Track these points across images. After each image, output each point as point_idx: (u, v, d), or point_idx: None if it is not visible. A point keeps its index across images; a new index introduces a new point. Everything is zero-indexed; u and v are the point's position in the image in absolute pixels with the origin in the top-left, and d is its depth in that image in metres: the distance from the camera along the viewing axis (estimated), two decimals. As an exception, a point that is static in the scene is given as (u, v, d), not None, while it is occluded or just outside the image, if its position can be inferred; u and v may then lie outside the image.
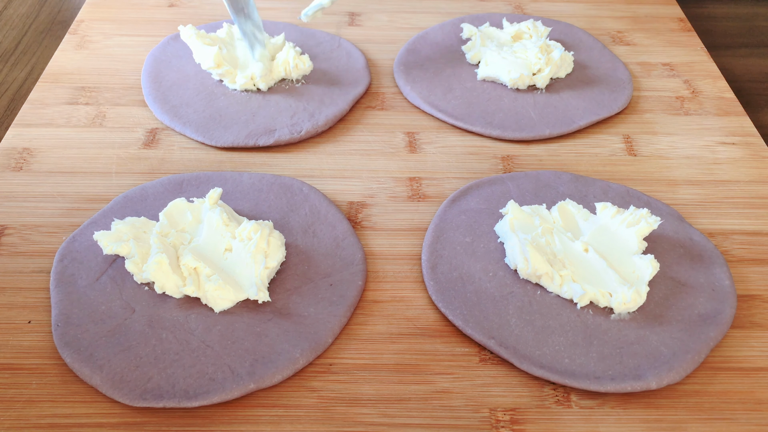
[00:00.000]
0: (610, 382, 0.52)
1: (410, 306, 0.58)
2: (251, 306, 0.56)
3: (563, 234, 0.60)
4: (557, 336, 0.55)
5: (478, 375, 0.54)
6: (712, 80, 0.84)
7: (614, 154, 0.74)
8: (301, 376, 0.53)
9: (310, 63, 0.79)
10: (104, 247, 0.57)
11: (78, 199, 0.66)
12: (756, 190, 0.70)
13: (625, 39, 0.91)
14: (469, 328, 0.55)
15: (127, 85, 0.80)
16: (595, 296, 0.56)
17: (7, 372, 0.53)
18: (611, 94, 0.79)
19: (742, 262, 0.63)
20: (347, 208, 0.67)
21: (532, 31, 0.83)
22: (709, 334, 0.55)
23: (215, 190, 0.61)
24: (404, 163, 0.72)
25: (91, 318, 0.55)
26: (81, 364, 0.52)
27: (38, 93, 0.78)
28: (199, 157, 0.71)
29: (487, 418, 0.51)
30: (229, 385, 0.51)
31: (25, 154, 0.71)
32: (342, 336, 0.56)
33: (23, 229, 0.63)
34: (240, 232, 0.58)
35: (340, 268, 0.60)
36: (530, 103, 0.78)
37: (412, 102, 0.79)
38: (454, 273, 0.59)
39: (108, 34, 0.87)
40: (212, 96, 0.77)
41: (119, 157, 0.71)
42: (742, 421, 0.52)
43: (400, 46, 0.87)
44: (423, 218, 0.66)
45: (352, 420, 0.51)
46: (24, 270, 0.60)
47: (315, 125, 0.74)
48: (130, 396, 0.50)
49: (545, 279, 0.58)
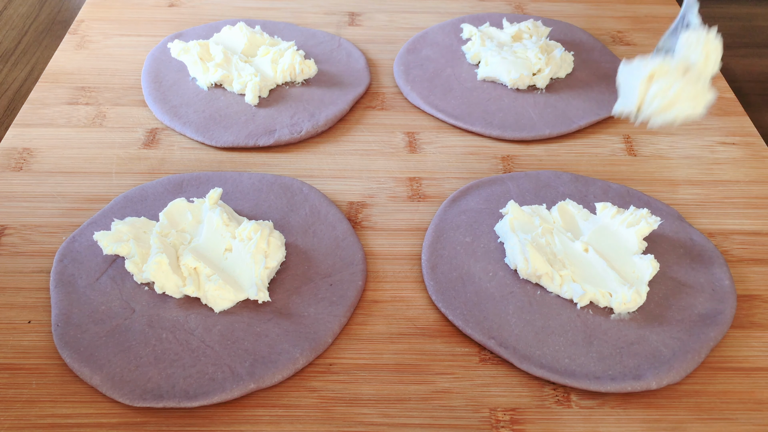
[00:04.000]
0: (610, 382, 0.52)
1: (410, 306, 0.58)
2: (251, 306, 0.56)
3: (563, 234, 0.60)
4: (557, 336, 0.55)
5: (478, 375, 0.54)
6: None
7: (614, 154, 0.74)
8: (301, 376, 0.53)
9: (315, 68, 0.79)
10: (104, 247, 0.57)
11: (78, 199, 0.66)
12: (756, 190, 0.70)
13: (625, 39, 0.91)
14: (469, 328, 0.55)
15: (127, 85, 0.80)
16: (595, 296, 0.56)
17: (7, 372, 0.53)
18: (611, 94, 0.79)
19: (742, 262, 0.63)
20: (347, 208, 0.67)
21: (532, 31, 0.83)
22: (709, 334, 0.55)
23: (215, 190, 0.61)
24: (404, 163, 0.72)
25: (91, 318, 0.55)
26: (81, 364, 0.52)
27: (38, 93, 0.78)
28: (199, 157, 0.71)
29: (487, 418, 0.51)
30: (229, 385, 0.51)
31: (25, 154, 0.71)
32: (342, 336, 0.56)
33: (23, 229, 0.63)
34: (240, 232, 0.58)
35: (340, 268, 0.60)
36: (530, 103, 0.78)
37: (412, 102, 0.79)
38: (454, 273, 0.59)
39: (108, 34, 0.87)
40: (212, 96, 0.77)
41: (119, 157, 0.71)
42: (742, 421, 0.52)
43: (400, 46, 0.87)
44: (423, 218, 0.66)
45: (352, 420, 0.51)
46: (24, 270, 0.60)
47: (315, 125, 0.74)
48: (130, 396, 0.50)
49: (545, 279, 0.58)
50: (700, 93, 0.53)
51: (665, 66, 0.54)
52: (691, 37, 0.55)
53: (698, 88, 0.54)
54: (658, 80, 0.55)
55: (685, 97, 0.54)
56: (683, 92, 0.54)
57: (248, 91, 0.75)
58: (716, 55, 0.54)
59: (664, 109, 0.55)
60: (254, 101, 0.75)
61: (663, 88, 0.55)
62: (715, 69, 0.54)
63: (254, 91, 0.75)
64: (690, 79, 0.54)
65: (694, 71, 0.54)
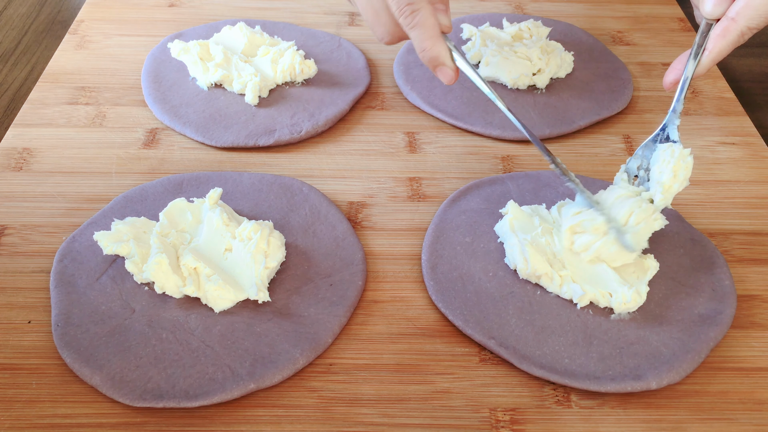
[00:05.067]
0: (610, 382, 0.52)
1: (410, 306, 0.58)
2: (251, 306, 0.56)
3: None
4: (557, 336, 0.55)
5: (478, 375, 0.54)
6: (712, 80, 0.84)
7: (614, 154, 0.74)
8: (301, 376, 0.53)
9: (315, 68, 0.79)
10: (104, 247, 0.57)
11: (78, 199, 0.66)
12: (756, 190, 0.70)
13: (625, 39, 0.91)
14: (469, 328, 0.55)
15: (127, 85, 0.80)
16: (595, 296, 0.56)
17: (7, 372, 0.53)
18: (611, 94, 0.79)
19: (742, 262, 0.63)
20: (347, 208, 0.67)
21: (532, 31, 0.83)
22: (709, 334, 0.55)
23: (215, 190, 0.61)
24: (404, 163, 0.72)
25: (91, 318, 0.55)
26: (81, 364, 0.52)
27: (38, 93, 0.78)
28: (199, 157, 0.71)
29: (487, 418, 0.51)
30: (229, 385, 0.51)
31: (25, 154, 0.71)
32: (342, 336, 0.56)
33: (23, 229, 0.63)
34: (240, 232, 0.58)
35: (340, 268, 0.60)
36: (530, 103, 0.78)
37: (412, 102, 0.79)
38: (454, 273, 0.59)
39: (108, 34, 0.87)
40: (212, 96, 0.77)
41: (119, 157, 0.71)
42: (742, 421, 0.52)
43: (400, 46, 0.87)
44: (423, 218, 0.66)
45: (352, 420, 0.51)
46: (24, 270, 0.60)
47: (315, 125, 0.74)
48: (130, 396, 0.50)
49: (545, 279, 0.58)
50: (651, 217, 0.56)
51: (589, 220, 0.57)
52: (666, 152, 0.57)
53: (651, 213, 0.56)
54: (582, 235, 0.57)
55: (608, 253, 0.56)
56: (604, 249, 0.56)
57: (248, 91, 0.75)
58: (685, 174, 0.56)
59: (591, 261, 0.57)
60: (254, 101, 0.75)
61: (586, 243, 0.57)
62: (682, 186, 0.56)
63: (254, 91, 0.75)
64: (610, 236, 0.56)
65: (614, 225, 0.56)
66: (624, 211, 0.56)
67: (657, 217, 0.56)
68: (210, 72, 0.77)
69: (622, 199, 0.57)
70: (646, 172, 0.59)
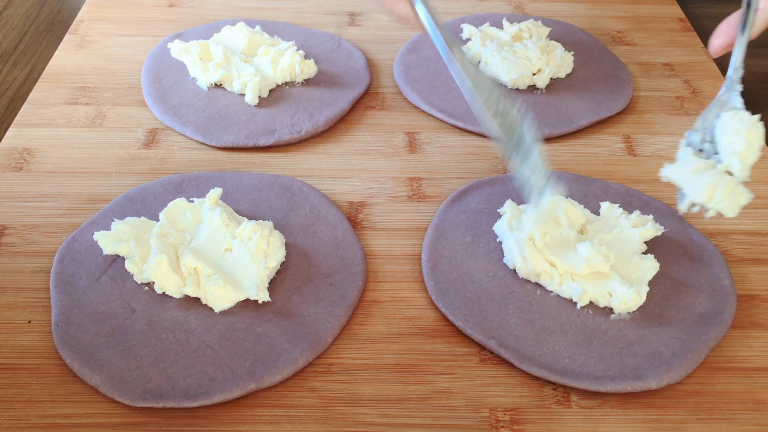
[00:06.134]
0: (610, 382, 0.52)
1: (410, 306, 0.58)
2: (251, 306, 0.56)
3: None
4: (557, 336, 0.55)
5: (478, 375, 0.54)
6: (712, 80, 0.84)
7: (614, 154, 0.74)
8: (301, 376, 0.53)
9: (315, 68, 0.79)
10: (104, 247, 0.57)
11: (78, 199, 0.66)
12: (756, 190, 0.70)
13: (625, 39, 0.91)
14: (469, 328, 0.55)
15: (127, 85, 0.80)
16: (595, 296, 0.56)
17: (7, 372, 0.53)
18: (611, 94, 0.79)
19: (742, 262, 0.63)
20: (347, 208, 0.67)
21: (532, 31, 0.83)
22: (709, 334, 0.55)
23: (215, 190, 0.61)
24: (404, 163, 0.72)
25: (91, 318, 0.55)
26: (81, 364, 0.52)
27: (38, 93, 0.78)
28: (199, 157, 0.71)
29: (487, 418, 0.51)
30: (229, 385, 0.51)
31: (25, 154, 0.71)
32: (342, 336, 0.56)
33: (23, 229, 0.63)
34: (240, 232, 0.58)
35: (340, 268, 0.60)
36: (530, 103, 0.78)
37: (412, 102, 0.79)
38: (454, 273, 0.59)
39: (108, 34, 0.87)
40: (212, 96, 0.77)
41: (119, 157, 0.71)
42: (742, 421, 0.52)
43: (400, 46, 0.87)
44: (423, 218, 0.66)
45: (352, 420, 0.51)
46: (24, 270, 0.60)
47: (315, 125, 0.74)
48: (130, 396, 0.50)
49: (544, 277, 0.58)
50: (737, 190, 0.52)
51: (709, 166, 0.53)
52: (733, 120, 0.53)
53: (735, 186, 0.52)
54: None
55: (723, 197, 0.52)
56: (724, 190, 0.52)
57: (248, 91, 0.75)
58: (759, 143, 0.52)
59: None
60: (254, 101, 0.75)
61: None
62: (757, 156, 0.52)
63: (254, 91, 0.75)
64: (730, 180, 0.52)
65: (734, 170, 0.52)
66: (706, 185, 0.51)
67: (743, 190, 0.51)
68: (210, 72, 0.77)
69: (699, 172, 0.52)
70: (712, 144, 0.55)
